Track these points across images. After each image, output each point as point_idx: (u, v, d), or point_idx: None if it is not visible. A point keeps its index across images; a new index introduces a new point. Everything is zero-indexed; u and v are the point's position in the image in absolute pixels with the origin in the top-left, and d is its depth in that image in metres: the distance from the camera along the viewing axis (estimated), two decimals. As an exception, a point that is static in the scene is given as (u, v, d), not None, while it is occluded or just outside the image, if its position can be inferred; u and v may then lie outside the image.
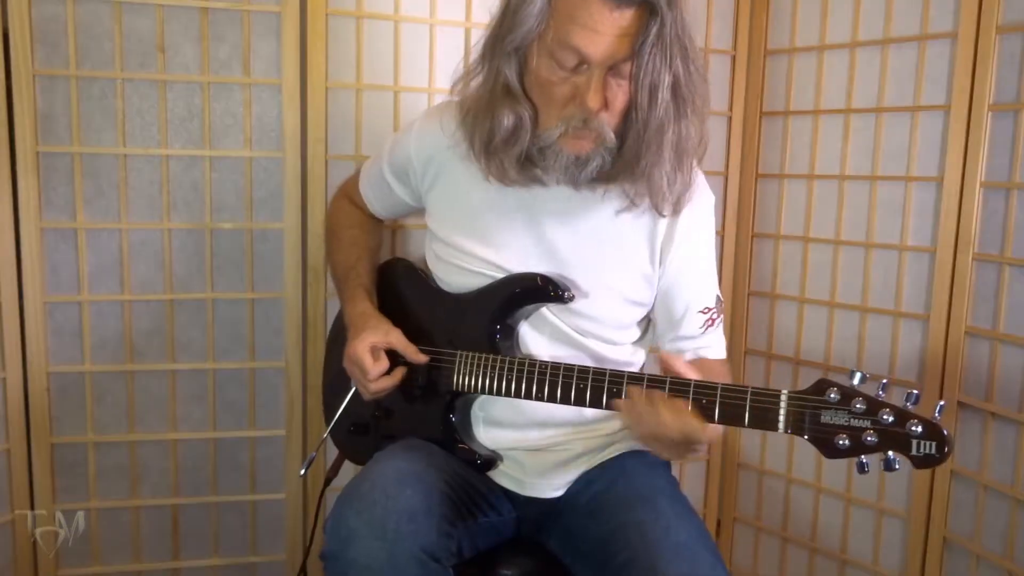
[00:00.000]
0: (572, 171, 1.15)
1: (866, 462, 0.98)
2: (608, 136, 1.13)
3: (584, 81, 1.09)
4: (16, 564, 1.64)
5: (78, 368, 1.63)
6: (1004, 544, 1.57)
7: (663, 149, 1.13)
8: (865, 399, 0.98)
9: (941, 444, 0.95)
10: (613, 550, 1.14)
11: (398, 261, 1.48)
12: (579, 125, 1.11)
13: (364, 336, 1.25)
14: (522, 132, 1.15)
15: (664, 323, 1.32)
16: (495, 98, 1.16)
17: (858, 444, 0.98)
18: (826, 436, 0.99)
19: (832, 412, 0.99)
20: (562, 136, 1.13)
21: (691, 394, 1.06)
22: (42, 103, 1.55)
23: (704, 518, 2.04)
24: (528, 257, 1.26)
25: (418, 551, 1.07)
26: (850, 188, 1.78)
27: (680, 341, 1.31)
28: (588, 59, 1.07)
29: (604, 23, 1.05)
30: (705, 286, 1.31)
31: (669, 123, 1.12)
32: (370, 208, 1.48)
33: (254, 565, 1.79)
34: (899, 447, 0.96)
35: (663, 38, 1.06)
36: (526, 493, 1.31)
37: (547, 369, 1.17)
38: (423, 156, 1.31)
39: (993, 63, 1.54)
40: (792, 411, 1.01)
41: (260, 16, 1.62)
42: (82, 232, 1.60)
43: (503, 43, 1.13)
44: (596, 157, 1.14)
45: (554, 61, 1.10)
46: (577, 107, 1.10)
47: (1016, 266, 1.54)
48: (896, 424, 0.96)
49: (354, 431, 1.39)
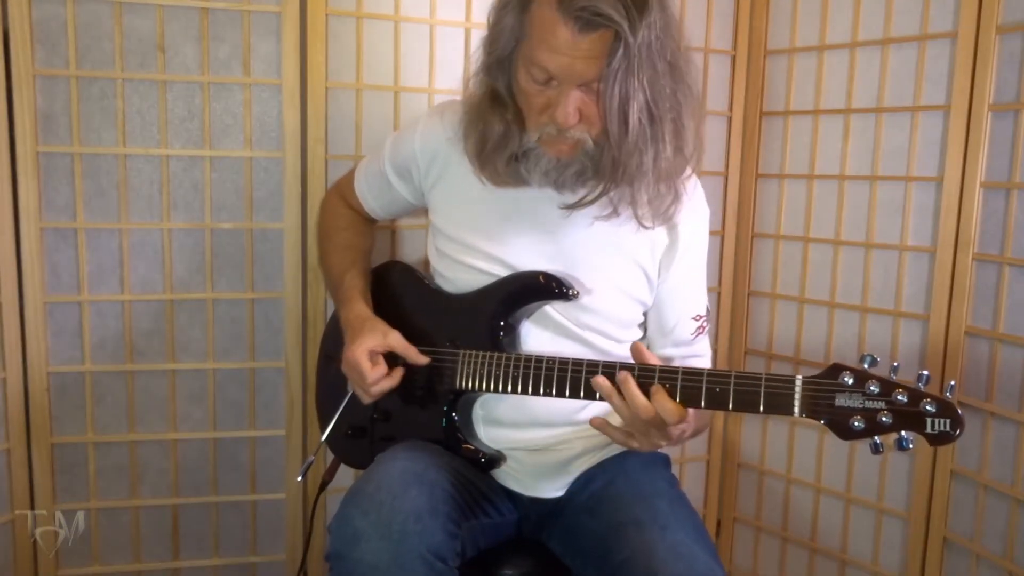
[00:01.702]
0: (553, 174, 1.17)
1: (880, 443, 0.99)
2: (587, 143, 1.13)
3: (555, 95, 1.10)
4: (16, 564, 1.64)
5: (78, 368, 1.63)
6: (1004, 544, 1.57)
7: (643, 165, 1.13)
8: (879, 380, 0.99)
9: (955, 421, 0.96)
10: (612, 549, 1.15)
11: (395, 264, 1.48)
12: (553, 133, 1.13)
13: (362, 340, 1.24)
14: (511, 137, 1.18)
15: (656, 330, 1.34)
16: (484, 105, 1.19)
17: (873, 425, 0.99)
18: (841, 419, 1.00)
19: (847, 395, 1.00)
20: (541, 140, 1.15)
21: (704, 382, 1.06)
22: (42, 103, 1.55)
23: (704, 518, 2.04)
24: (533, 253, 1.26)
25: (424, 551, 1.07)
26: (850, 188, 1.78)
27: (671, 348, 1.33)
28: (555, 77, 1.09)
29: (568, 46, 1.05)
30: (698, 295, 1.33)
31: (645, 143, 1.11)
32: (365, 207, 1.48)
33: (254, 565, 1.79)
34: (914, 426, 0.98)
35: (630, 61, 1.05)
36: (528, 493, 1.32)
37: (554, 365, 1.17)
38: (427, 153, 1.31)
39: (993, 63, 1.54)
40: (807, 395, 1.02)
41: (260, 16, 1.62)
42: (82, 232, 1.60)
43: (489, 52, 1.16)
44: (576, 162, 1.15)
45: (529, 74, 1.11)
46: (549, 118, 1.12)
47: (1016, 266, 1.54)
48: (910, 404, 0.98)
49: (352, 435, 1.39)
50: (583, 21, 1.03)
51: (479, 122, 1.20)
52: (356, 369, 1.24)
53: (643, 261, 1.27)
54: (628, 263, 1.27)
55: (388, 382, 1.25)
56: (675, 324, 1.31)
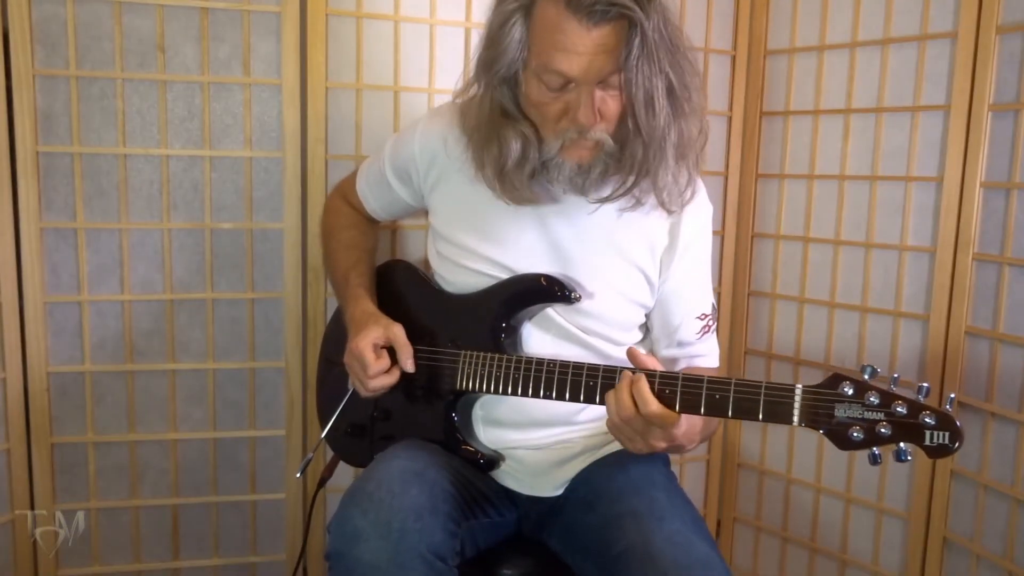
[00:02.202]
0: (576, 180, 1.17)
1: (878, 454, 0.99)
2: (607, 142, 1.13)
3: (574, 98, 1.10)
4: (16, 564, 1.64)
5: (78, 368, 1.63)
6: (1004, 544, 1.57)
7: (665, 149, 1.14)
8: (879, 392, 0.99)
9: (954, 434, 0.96)
10: (610, 540, 1.15)
11: (398, 263, 1.48)
12: (575, 137, 1.13)
13: (366, 332, 1.25)
14: (530, 151, 1.17)
15: (660, 330, 1.33)
16: (496, 123, 1.18)
17: (872, 436, 0.99)
18: (840, 429, 1.00)
19: (846, 405, 1.00)
20: (562, 149, 1.14)
21: (704, 389, 1.06)
22: (42, 103, 1.55)
23: (704, 518, 2.04)
24: (534, 255, 1.26)
25: (424, 550, 1.07)
26: (850, 188, 1.78)
27: (675, 348, 1.32)
28: (573, 79, 1.08)
29: (583, 43, 1.05)
30: (703, 294, 1.32)
31: (670, 125, 1.12)
32: (367, 208, 1.48)
33: (254, 565, 1.79)
34: (912, 438, 0.98)
35: (647, 46, 1.05)
36: (527, 492, 1.32)
37: (555, 367, 1.17)
38: (427, 155, 1.31)
39: (993, 63, 1.54)
40: (806, 405, 1.02)
41: (260, 16, 1.62)
42: (82, 232, 1.60)
43: (491, 71, 1.15)
44: (598, 163, 1.15)
45: (542, 84, 1.11)
46: (570, 122, 1.11)
47: (1016, 266, 1.54)
48: (909, 415, 0.98)
49: (351, 433, 1.39)
50: (597, 14, 1.03)
51: (493, 141, 1.18)
52: (360, 360, 1.24)
53: (643, 263, 1.27)
54: (627, 266, 1.27)
55: (387, 379, 1.25)
56: (679, 324, 1.31)
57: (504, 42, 1.11)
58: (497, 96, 1.17)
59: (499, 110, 1.18)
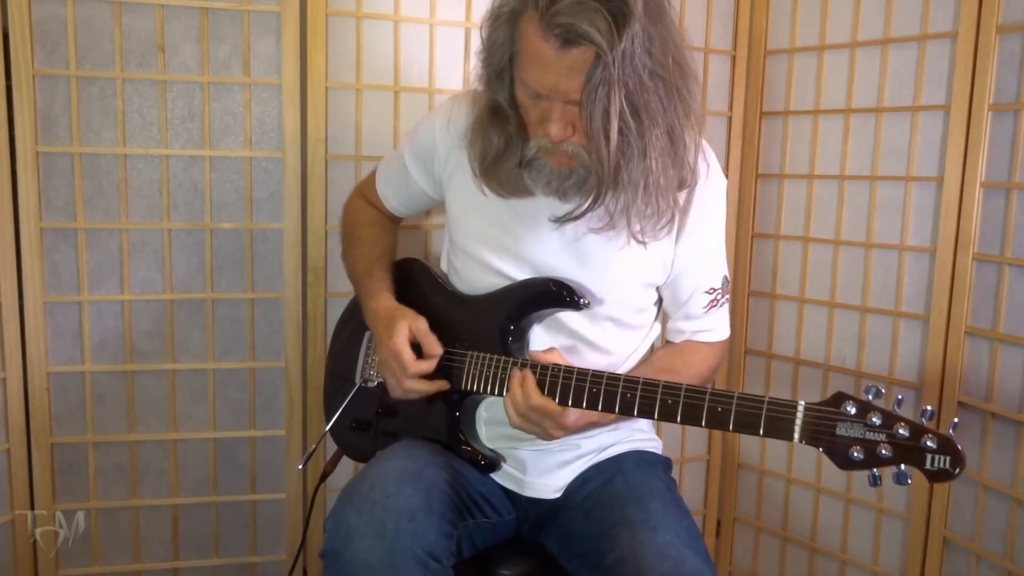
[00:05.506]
0: (554, 183, 1.16)
1: (878, 475, 0.99)
2: (582, 155, 1.13)
3: (548, 108, 1.10)
4: (16, 564, 1.64)
5: (78, 368, 1.63)
6: (1004, 544, 1.57)
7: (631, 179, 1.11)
8: (881, 413, 0.98)
9: (955, 459, 0.95)
10: (603, 550, 1.15)
11: (412, 261, 1.48)
12: (549, 146, 1.13)
13: (398, 329, 1.24)
14: (513, 148, 1.18)
15: (669, 301, 1.34)
16: (485, 119, 1.19)
17: (872, 457, 0.98)
18: (840, 448, 1.00)
19: (848, 425, 1.00)
20: (541, 151, 1.15)
21: (706, 402, 1.07)
22: (42, 103, 1.55)
23: (704, 518, 2.04)
24: (550, 251, 1.26)
25: (418, 550, 1.07)
26: (850, 188, 1.78)
27: (682, 320, 1.33)
28: (543, 95, 1.09)
29: (553, 63, 1.05)
30: (712, 269, 1.31)
31: (631, 156, 1.10)
32: (387, 206, 1.48)
33: (254, 565, 1.79)
34: (913, 461, 0.97)
35: (610, 75, 1.04)
36: (526, 494, 1.32)
37: (559, 373, 1.17)
38: (448, 142, 1.31)
39: (993, 63, 1.54)
40: (808, 422, 1.02)
41: (260, 16, 1.62)
42: (82, 232, 1.60)
43: (487, 66, 1.16)
44: (575, 173, 1.15)
45: (523, 87, 1.12)
46: (544, 132, 1.12)
47: (1016, 266, 1.54)
48: (911, 438, 0.97)
49: (355, 427, 1.39)
50: (562, 39, 1.03)
51: (481, 137, 1.20)
52: (397, 357, 1.23)
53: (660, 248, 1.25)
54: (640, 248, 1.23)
55: (424, 385, 1.25)
56: (687, 298, 1.31)
57: (494, 38, 1.13)
58: (492, 92, 1.18)
59: (491, 106, 1.19)
